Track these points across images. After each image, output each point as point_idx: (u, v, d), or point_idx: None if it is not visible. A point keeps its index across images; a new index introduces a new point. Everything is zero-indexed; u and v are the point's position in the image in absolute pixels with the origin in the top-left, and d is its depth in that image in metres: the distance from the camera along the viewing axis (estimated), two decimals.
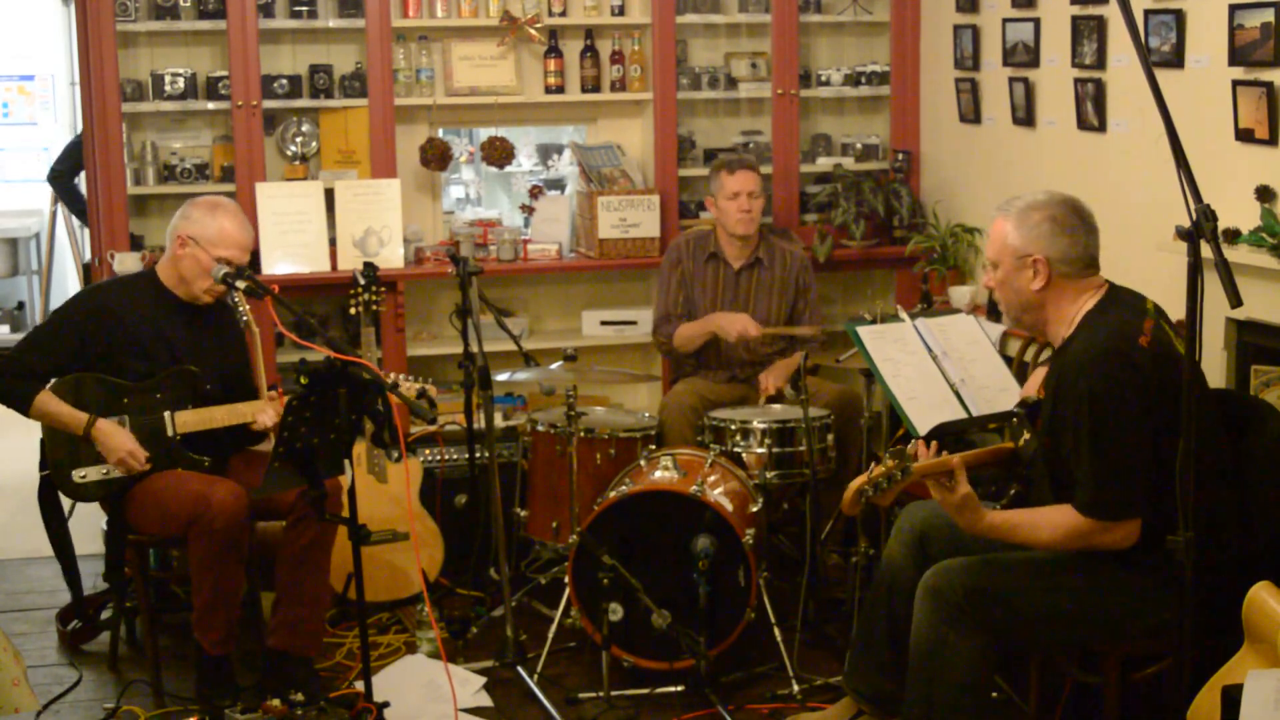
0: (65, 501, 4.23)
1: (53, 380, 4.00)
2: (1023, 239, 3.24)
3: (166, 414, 4.05)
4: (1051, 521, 3.17)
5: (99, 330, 4.04)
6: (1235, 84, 4.03)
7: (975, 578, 3.20)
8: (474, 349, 4.32)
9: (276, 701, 3.67)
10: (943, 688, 3.20)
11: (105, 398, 4.01)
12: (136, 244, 5.36)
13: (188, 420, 4.06)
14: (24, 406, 3.98)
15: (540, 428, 4.64)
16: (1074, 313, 3.23)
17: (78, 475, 3.99)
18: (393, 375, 4.19)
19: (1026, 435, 3.35)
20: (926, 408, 3.84)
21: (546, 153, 6.43)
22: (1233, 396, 3.68)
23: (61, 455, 4.01)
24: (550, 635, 4.27)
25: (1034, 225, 3.23)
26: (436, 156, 5.56)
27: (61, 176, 7.55)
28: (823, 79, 5.93)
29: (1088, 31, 4.74)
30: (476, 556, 4.71)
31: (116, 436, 3.97)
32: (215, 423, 4.08)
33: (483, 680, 4.14)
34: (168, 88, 5.37)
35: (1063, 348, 3.24)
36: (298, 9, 5.44)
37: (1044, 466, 3.26)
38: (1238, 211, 3.99)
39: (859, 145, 6.01)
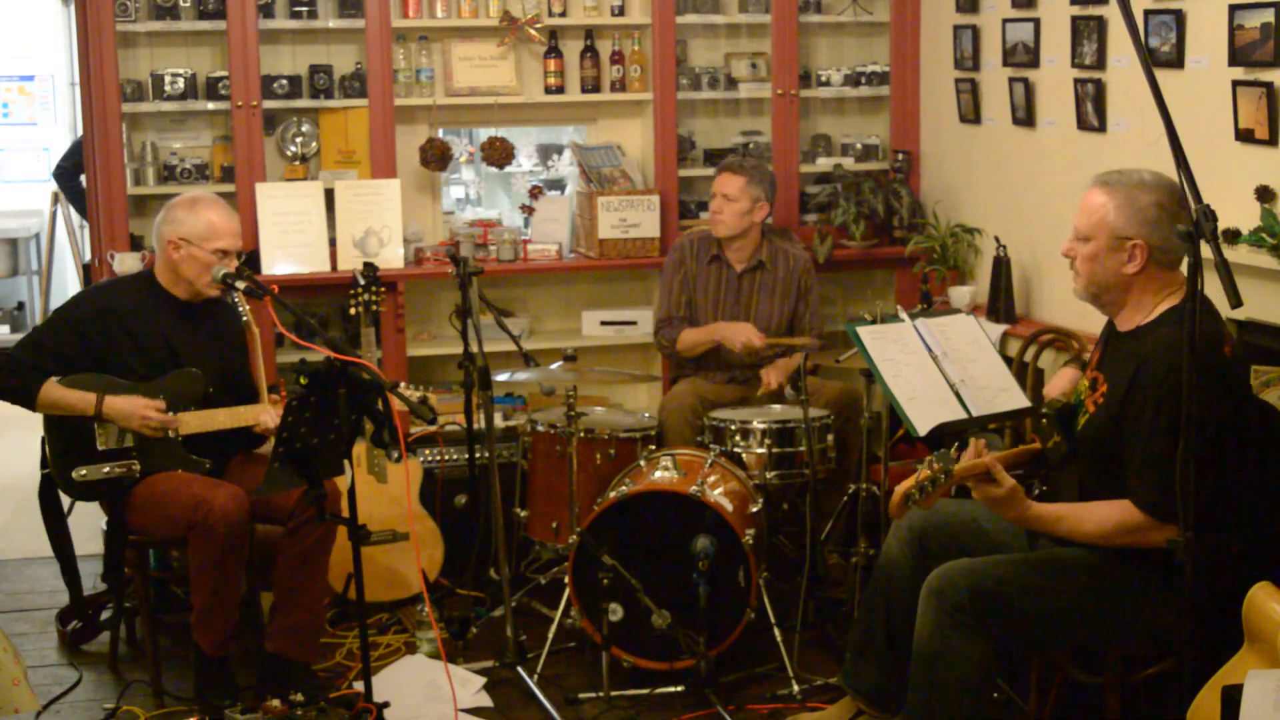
0: (65, 500, 4.22)
1: (55, 377, 4.00)
2: (1126, 220, 3.13)
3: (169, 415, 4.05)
4: (1099, 516, 3.14)
5: (100, 330, 4.04)
6: (1235, 84, 4.03)
7: (978, 580, 3.20)
8: (474, 349, 4.32)
9: (276, 702, 3.67)
10: (945, 690, 3.19)
11: (107, 394, 4.00)
12: (136, 244, 5.36)
13: (190, 422, 4.06)
14: (30, 400, 3.97)
15: (540, 428, 4.64)
16: (1156, 303, 3.16)
17: (78, 474, 3.99)
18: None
19: (1056, 438, 3.32)
20: (926, 408, 3.84)
21: (546, 153, 6.43)
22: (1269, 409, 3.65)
23: (62, 454, 4.00)
24: (550, 635, 4.27)
25: (1141, 209, 3.11)
26: (436, 157, 5.56)
27: (67, 173, 7.56)
28: (823, 79, 5.93)
29: (1088, 32, 4.74)
30: (476, 556, 4.71)
31: (130, 403, 3.97)
32: (217, 425, 4.08)
33: (483, 680, 4.14)
34: (168, 88, 5.37)
35: (1136, 335, 3.17)
36: (298, 9, 5.44)
37: (1077, 470, 3.22)
38: (1238, 211, 3.99)
39: (859, 145, 6.01)
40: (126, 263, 5.16)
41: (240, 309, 4.21)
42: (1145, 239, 3.12)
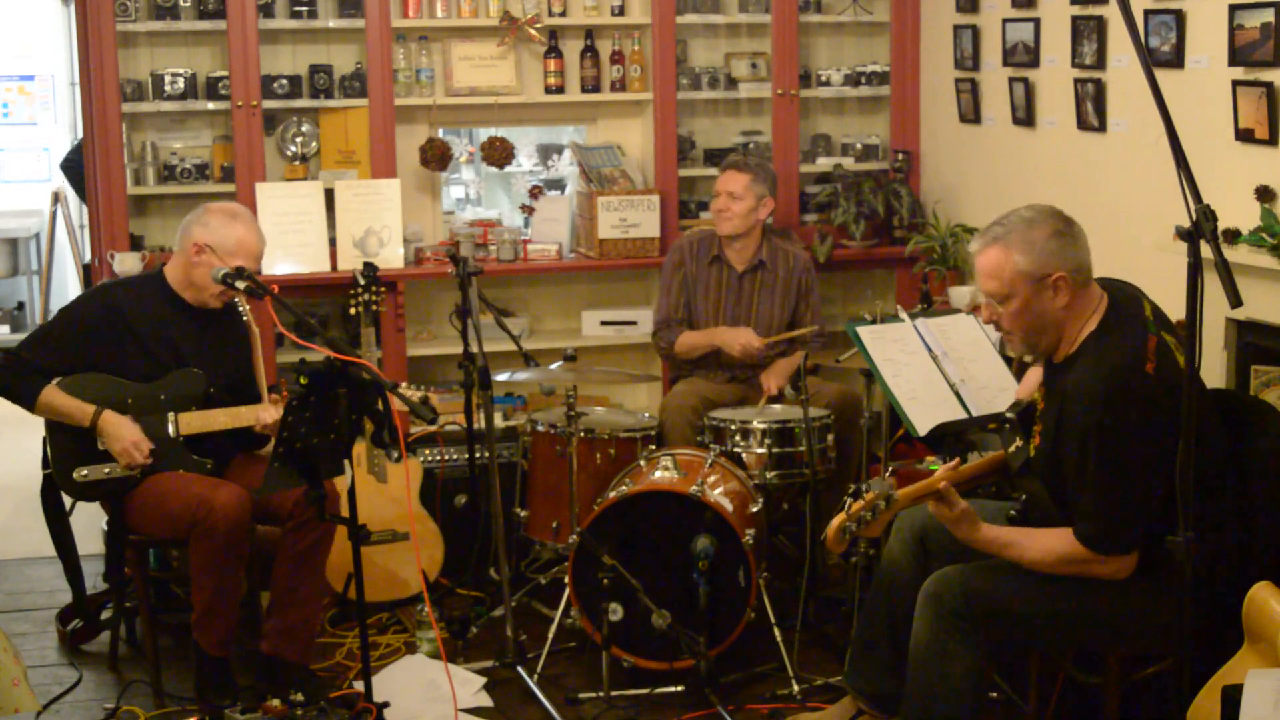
0: (66, 500, 4.22)
1: (58, 378, 4.00)
2: (1035, 261, 3.11)
3: (170, 415, 4.05)
4: (1045, 545, 3.15)
5: (106, 329, 4.04)
6: (1235, 84, 4.03)
7: (976, 583, 3.20)
8: (474, 349, 4.32)
9: (276, 702, 3.66)
10: (942, 692, 3.20)
11: (109, 397, 4.00)
12: (136, 244, 5.36)
13: (190, 422, 4.06)
14: (30, 402, 3.98)
15: (540, 428, 4.64)
16: (1079, 329, 3.15)
17: (79, 474, 3.99)
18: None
19: (1018, 442, 3.31)
20: (926, 408, 3.85)
21: (546, 153, 6.43)
22: (1233, 397, 3.67)
23: (63, 453, 4.01)
24: (550, 635, 4.27)
25: (1043, 243, 3.11)
26: (436, 156, 5.56)
27: (75, 165, 7.55)
28: (823, 79, 5.93)
29: (1088, 31, 4.74)
30: (476, 556, 4.71)
31: (123, 427, 3.97)
32: (217, 425, 4.08)
33: (483, 680, 4.14)
34: (168, 88, 5.37)
35: (1062, 367, 3.17)
36: (298, 9, 5.44)
37: (1041, 484, 3.23)
38: (1238, 211, 3.99)
39: (859, 145, 6.01)
40: (126, 263, 5.16)
41: (240, 309, 4.21)
42: (1061, 268, 3.11)
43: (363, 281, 4.66)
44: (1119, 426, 3.00)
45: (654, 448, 4.54)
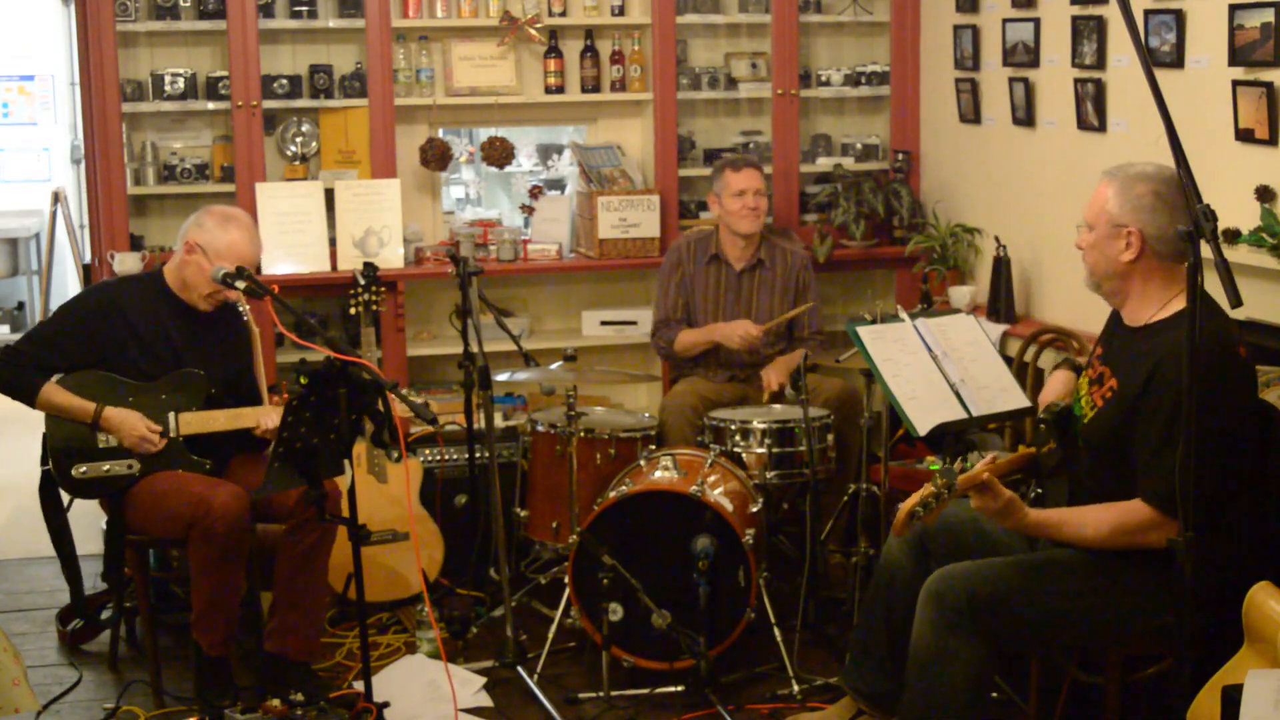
0: (65, 498, 4.22)
1: (58, 375, 4.00)
2: (1122, 208, 3.15)
3: (170, 415, 4.05)
4: (1098, 519, 3.14)
5: (106, 327, 4.04)
6: (1235, 84, 4.03)
7: (976, 583, 3.20)
8: (474, 349, 4.32)
9: (276, 702, 3.66)
10: (943, 692, 3.19)
11: (109, 395, 4.00)
12: (136, 244, 5.37)
13: (190, 422, 4.06)
14: (30, 397, 3.98)
15: (540, 428, 4.64)
16: (1167, 298, 3.17)
17: (78, 470, 3.99)
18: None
19: (1052, 444, 3.32)
20: (926, 408, 3.84)
21: (546, 153, 6.43)
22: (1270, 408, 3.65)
23: (63, 450, 4.00)
24: (550, 635, 4.27)
25: (1137, 197, 3.14)
26: (438, 156, 5.56)
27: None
28: (823, 79, 5.93)
29: (1088, 31, 4.74)
30: (476, 556, 4.71)
31: (128, 419, 3.96)
32: (217, 426, 4.08)
33: (483, 680, 4.14)
34: (168, 88, 5.37)
35: (1148, 331, 3.17)
36: (298, 9, 5.44)
37: (1098, 445, 3.20)
38: (1238, 211, 3.99)
39: (859, 145, 6.01)
40: (126, 263, 5.16)
41: (240, 309, 4.21)
42: (1140, 227, 3.14)
43: (363, 281, 4.66)
44: (1212, 396, 2.96)
45: (654, 448, 4.54)
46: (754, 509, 4.26)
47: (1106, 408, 3.21)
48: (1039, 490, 3.37)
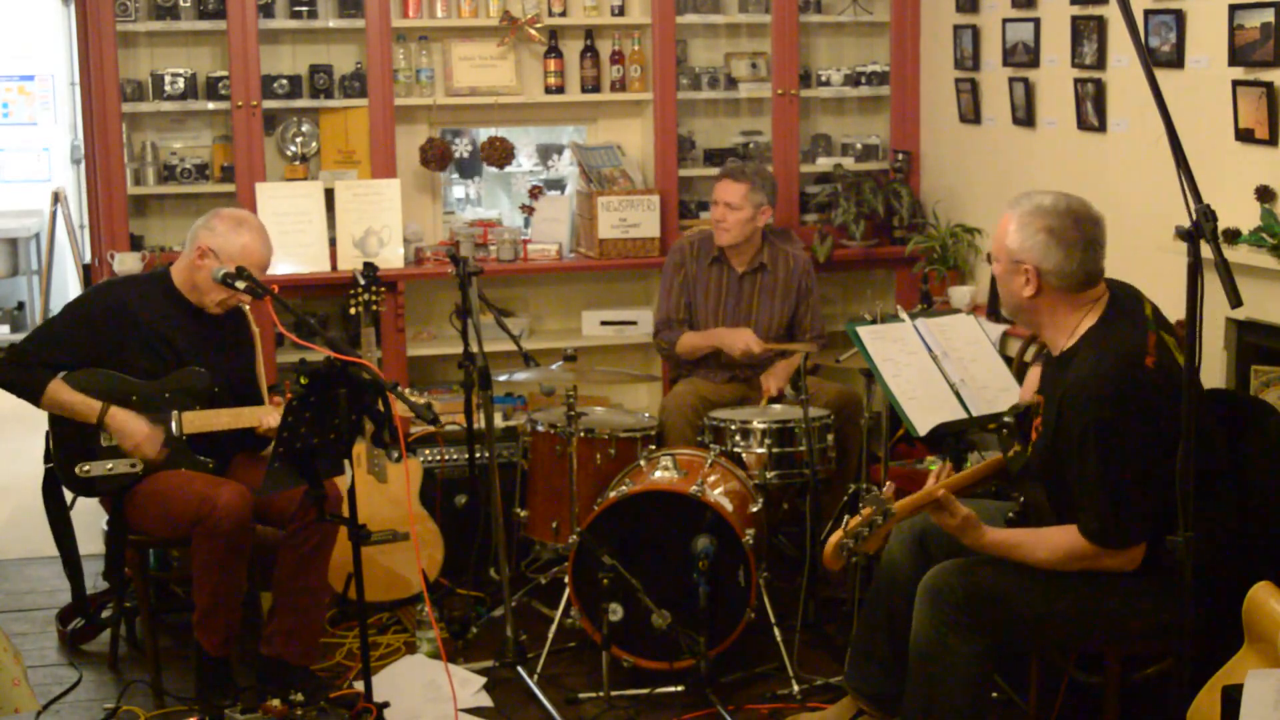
0: (67, 496, 4.22)
1: (64, 373, 4.00)
2: (1021, 244, 3.14)
3: (174, 414, 4.05)
4: (1052, 543, 3.15)
5: (111, 326, 4.04)
6: (1235, 84, 4.03)
7: (975, 579, 3.20)
8: (474, 349, 4.32)
9: (276, 702, 3.66)
10: (943, 689, 3.19)
11: (114, 394, 4.00)
12: (136, 244, 5.36)
13: (193, 421, 4.06)
14: (35, 396, 3.97)
15: (540, 428, 4.64)
16: (1073, 324, 3.16)
17: (81, 469, 3.99)
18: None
19: (1017, 446, 3.30)
20: (926, 408, 3.85)
21: (546, 153, 6.43)
22: (1231, 396, 3.67)
23: (66, 448, 4.00)
24: (550, 635, 4.27)
25: (1033, 233, 3.12)
26: (436, 156, 5.56)
27: None
28: (823, 79, 5.93)
29: (1088, 31, 4.74)
30: (476, 556, 4.71)
31: (132, 422, 3.97)
32: (219, 425, 4.08)
33: (483, 680, 4.14)
34: (168, 88, 5.37)
35: (1062, 360, 3.17)
36: (298, 9, 5.44)
37: (1040, 484, 3.22)
38: (1238, 211, 3.99)
39: (859, 145, 6.01)
40: (126, 263, 5.16)
41: (241, 308, 4.21)
42: (1035, 264, 3.12)
43: (363, 281, 4.66)
44: (1119, 420, 3.00)
45: (654, 448, 4.54)
46: (754, 509, 4.26)
47: (1040, 439, 3.22)
48: (1020, 498, 3.34)
